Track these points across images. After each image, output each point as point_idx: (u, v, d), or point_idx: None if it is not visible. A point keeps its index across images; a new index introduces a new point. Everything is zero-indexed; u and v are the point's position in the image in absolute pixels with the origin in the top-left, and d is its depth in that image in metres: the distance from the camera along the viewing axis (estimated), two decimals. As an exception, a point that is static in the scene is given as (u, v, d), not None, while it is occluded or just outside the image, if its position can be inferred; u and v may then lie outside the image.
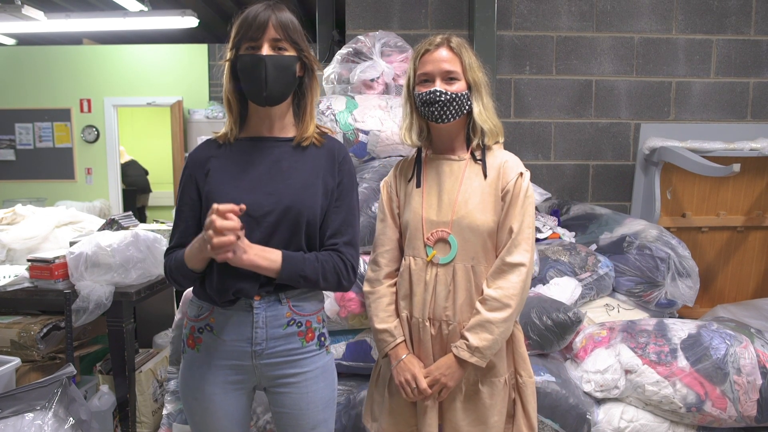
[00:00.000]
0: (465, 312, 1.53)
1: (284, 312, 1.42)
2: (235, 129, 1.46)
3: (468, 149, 1.59)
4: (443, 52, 1.53)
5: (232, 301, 1.40)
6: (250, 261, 1.31)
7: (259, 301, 1.40)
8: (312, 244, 1.44)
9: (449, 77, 1.52)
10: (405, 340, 1.60)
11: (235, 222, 1.23)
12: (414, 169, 1.64)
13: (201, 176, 1.45)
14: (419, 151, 1.65)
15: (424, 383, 1.53)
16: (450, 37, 1.55)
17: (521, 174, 1.54)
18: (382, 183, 1.71)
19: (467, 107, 1.54)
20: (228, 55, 1.41)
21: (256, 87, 1.37)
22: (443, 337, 1.55)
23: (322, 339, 1.49)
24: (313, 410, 1.46)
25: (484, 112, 1.55)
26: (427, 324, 1.55)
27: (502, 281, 1.49)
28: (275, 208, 1.38)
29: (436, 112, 1.52)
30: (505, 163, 1.56)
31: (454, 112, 1.52)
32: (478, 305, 1.51)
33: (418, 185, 1.61)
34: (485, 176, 1.54)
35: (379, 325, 1.60)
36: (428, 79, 1.53)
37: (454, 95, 1.51)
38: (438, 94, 1.50)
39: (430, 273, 1.55)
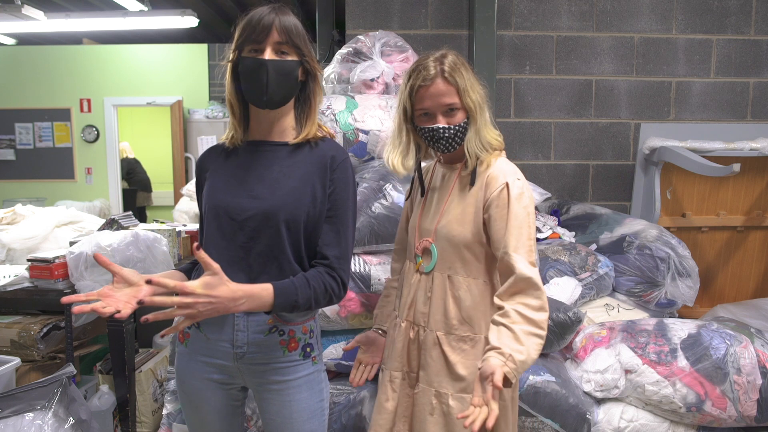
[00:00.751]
0: (439, 321, 1.54)
1: (266, 319, 1.40)
2: (239, 131, 1.45)
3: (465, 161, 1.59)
4: (440, 86, 1.48)
5: None
6: (243, 310, 1.29)
7: None
8: (297, 249, 1.40)
9: (450, 110, 1.50)
10: (382, 330, 1.74)
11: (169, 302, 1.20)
12: (417, 180, 1.69)
13: (203, 181, 1.49)
14: (419, 167, 1.67)
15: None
16: (443, 63, 1.49)
17: (506, 185, 1.46)
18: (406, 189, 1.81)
19: (469, 128, 1.55)
20: (231, 56, 1.40)
21: (257, 90, 1.35)
22: (420, 342, 1.58)
23: (308, 350, 1.46)
24: (297, 419, 1.44)
25: (474, 137, 1.51)
26: (403, 325, 1.61)
27: (528, 298, 1.37)
28: (257, 212, 1.37)
29: (442, 146, 1.54)
30: (490, 174, 1.50)
31: (459, 141, 1.53)
32: (503, 320, 1.35)
33: (422, 194, 1.68)
34: (471, 185, 1.52)
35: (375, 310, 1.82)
36: (428, 113, 1.52)
37: (457, 128, 1.51)
38: (442, 131, 1.50)
39: (415, 278, 1.61)
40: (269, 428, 1.48)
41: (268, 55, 1.34)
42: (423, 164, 1.71)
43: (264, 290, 1.29)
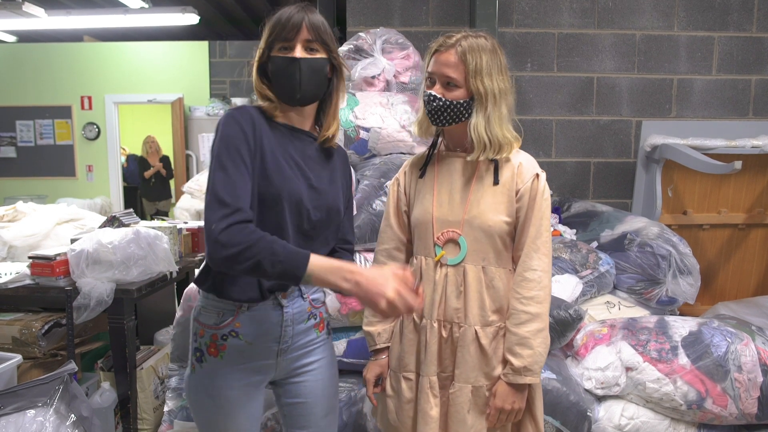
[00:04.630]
0: (476, 315, 1.50)
1: (306, 307, 1.47)
2: (278, 112, 1.40)
3: None
4: (450, 56, 1.47)
5: (269, 293, 1.39)
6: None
7: (287, 299, 1.43)
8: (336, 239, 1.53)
9: (448, 83, 1.48)
10: (387, 346, 1.64)
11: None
12: (426, 160, 1.61)
13: (258, 139, 1.33)
14: (434, 144, 1.63)
15: (386, 383, 1.62)
16: (463, 40, 1.47)
17: (537, 175, 1.50)
18: (392, 179, 1.69)
19: (466, 116, 1.49)
20: (258, 54, 1.40)
21: (290, 88, 1.36)
22: (454, 340, 1.52)
23: (328, 326, 1.57)
24: (326, 396, 1.52)
25: (482, 124, 1.47)
26: (435, 325, 1.53)
27: (526, 291, 1.47)
28: (323, 205, 1.42)
29: (430, 114, 1.51)
30: (520, 165, 1.52)
31: (448, 118, 1.49)
32: (508, 323, 1.49)
33: (422, 176, 1.59)
34: (495, 182, 1.50)
35: (365, 327, 1.67)
36: (431, 79, 1.51)
37: (448, 102, 1.47)
38: (432, 98, 1.48)
39: (439, 273, 1.52)
40: (296, 412, 1.50)
41: (299, 52, 1.35)
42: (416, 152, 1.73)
43: (350, 262, 1.44)
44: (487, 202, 1.50)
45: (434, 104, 1.48)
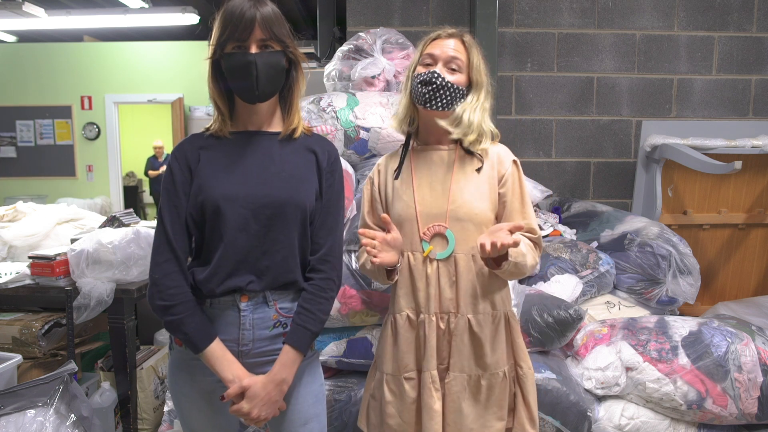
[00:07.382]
0: (468, 303, 1.52)
1: (271, 314, 1.41)
2: (228, 123, 1.43)
3: (457, 141, 1.57)
4: (455, 43, 1.53)
5: (222, 294, 1.38)
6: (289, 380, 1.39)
7: (246, 303, 1.39)
8: (304, 237, 1.42)
9: (452, 66, 1.51)
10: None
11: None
12: (400, 160, 1.61)
13: (194, 167, 1.40)
14: (407, 142, 1.63)
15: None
16: (465, 33, 1.56)
17: (515, 161, 1.58)
18: (366, 180, 1.68)
19: (457, 105, 1.52)
20: (210, 53, 1.38)
21: (248, 87, 1.35)
22: (451, 331, 1.53)
23: None
24: (302, 404, 1.46)
25: (477, 110, 1.53)
26: (434, 319, 1.53)
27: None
28: (271, 200, 1.36)
29: (427, 94, 1.49)
30: (498, 153, 1.58)
31: (444, 101, 1.50)
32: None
33: (397, 177, 1.59)
34: (479, 170, 1.54)
35: (367, 265, 1.60)
36: (431, 62, 1.52)
37: (450, 84, 1.50)
38: (436, 75, 1.49)
39: (431, 267, 1.53)
40: (274, 419, 1.46)
41: (254, 50, 1.33)
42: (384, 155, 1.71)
43: (287, 354, 1.38)
44: (470, 191, 1.52)
45: (438, 81, 1.49)
